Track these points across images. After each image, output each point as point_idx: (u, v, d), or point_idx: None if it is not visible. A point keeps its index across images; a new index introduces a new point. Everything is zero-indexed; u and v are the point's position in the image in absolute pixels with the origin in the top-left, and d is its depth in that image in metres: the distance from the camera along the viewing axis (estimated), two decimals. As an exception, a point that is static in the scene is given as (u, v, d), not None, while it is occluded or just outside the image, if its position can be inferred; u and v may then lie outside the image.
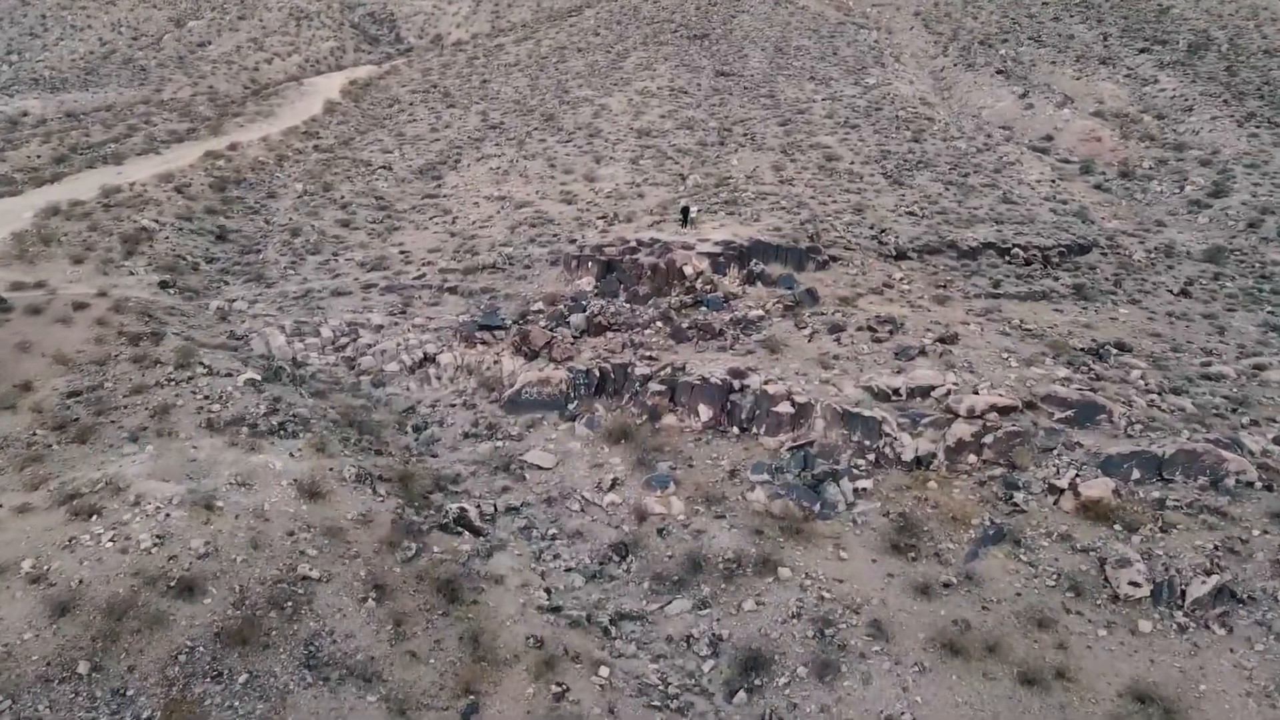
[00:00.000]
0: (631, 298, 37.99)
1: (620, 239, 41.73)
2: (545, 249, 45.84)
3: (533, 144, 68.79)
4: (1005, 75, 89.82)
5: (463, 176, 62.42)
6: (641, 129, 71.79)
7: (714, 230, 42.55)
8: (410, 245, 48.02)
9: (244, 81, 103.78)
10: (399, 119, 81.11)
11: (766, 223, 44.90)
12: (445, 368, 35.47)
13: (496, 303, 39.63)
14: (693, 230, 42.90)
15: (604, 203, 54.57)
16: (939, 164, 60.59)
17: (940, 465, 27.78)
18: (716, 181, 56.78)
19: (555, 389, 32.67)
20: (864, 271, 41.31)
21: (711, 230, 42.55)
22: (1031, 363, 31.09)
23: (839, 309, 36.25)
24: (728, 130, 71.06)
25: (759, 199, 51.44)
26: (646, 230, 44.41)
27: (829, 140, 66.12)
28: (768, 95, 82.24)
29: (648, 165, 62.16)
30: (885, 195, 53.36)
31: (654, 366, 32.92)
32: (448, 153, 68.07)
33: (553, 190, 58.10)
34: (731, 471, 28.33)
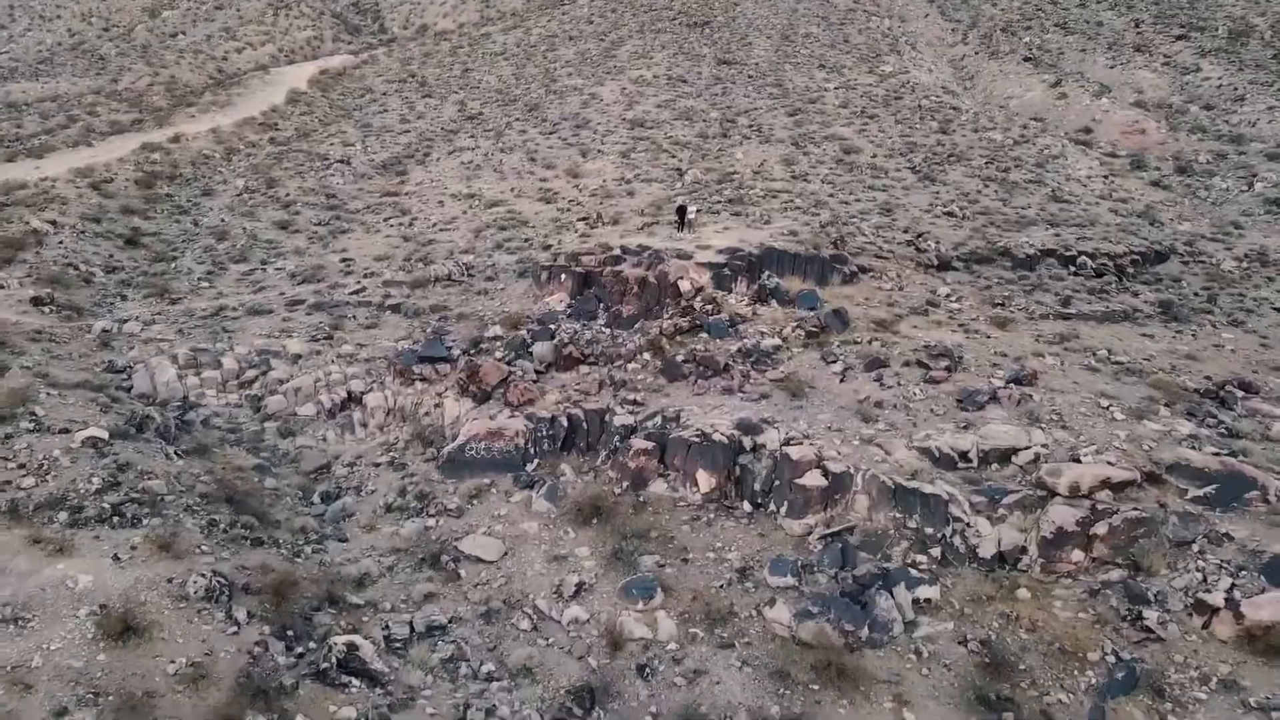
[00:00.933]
0: (613, 320, 30.00)
1: (602, 246, 33.75)
2: (514, 257, 37.90)
3: (512, 135, 60.84)
4: (1034, 63, 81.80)
5: (430, 172, 54.47)
6: (635, 119, 63.83)
7: (717, 235, 34.57)
8: (355, 252, 40.09)
9: (210, 72, 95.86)
10: (368, 110, 73.18)
11: (780, 225, 36.97)
12: (373, 411, 27.50)
13: (447, 324, 31.66)
14: (691, 235, 34.92)
15: (588, 202, 46.64)
16: (973, 157, 52.66)
17: (1033, 565, 19.81)
18: (719, 177, 48.86)
19: (510, 444, 24.70)
20: (901, 285, 33.31)
21: (714, 235, 34.57)
22: (1142, 414, 23.06)
23: (876, 335, 28.24)
24: (731, 121, 63.12)
25: (769, 197, 43.48)
26: (635, 235, 36.45)
27: (845, 131, 58.19)
28: (775, 84, 74.32)
29: (640, 159, 54.20)
30: (916, 193, 45.41)
31: (639, 414, 24.98)
32: (416, 146, 60.13)
33: (530, 187, 50.15)
34: (742, 570, 20.37)
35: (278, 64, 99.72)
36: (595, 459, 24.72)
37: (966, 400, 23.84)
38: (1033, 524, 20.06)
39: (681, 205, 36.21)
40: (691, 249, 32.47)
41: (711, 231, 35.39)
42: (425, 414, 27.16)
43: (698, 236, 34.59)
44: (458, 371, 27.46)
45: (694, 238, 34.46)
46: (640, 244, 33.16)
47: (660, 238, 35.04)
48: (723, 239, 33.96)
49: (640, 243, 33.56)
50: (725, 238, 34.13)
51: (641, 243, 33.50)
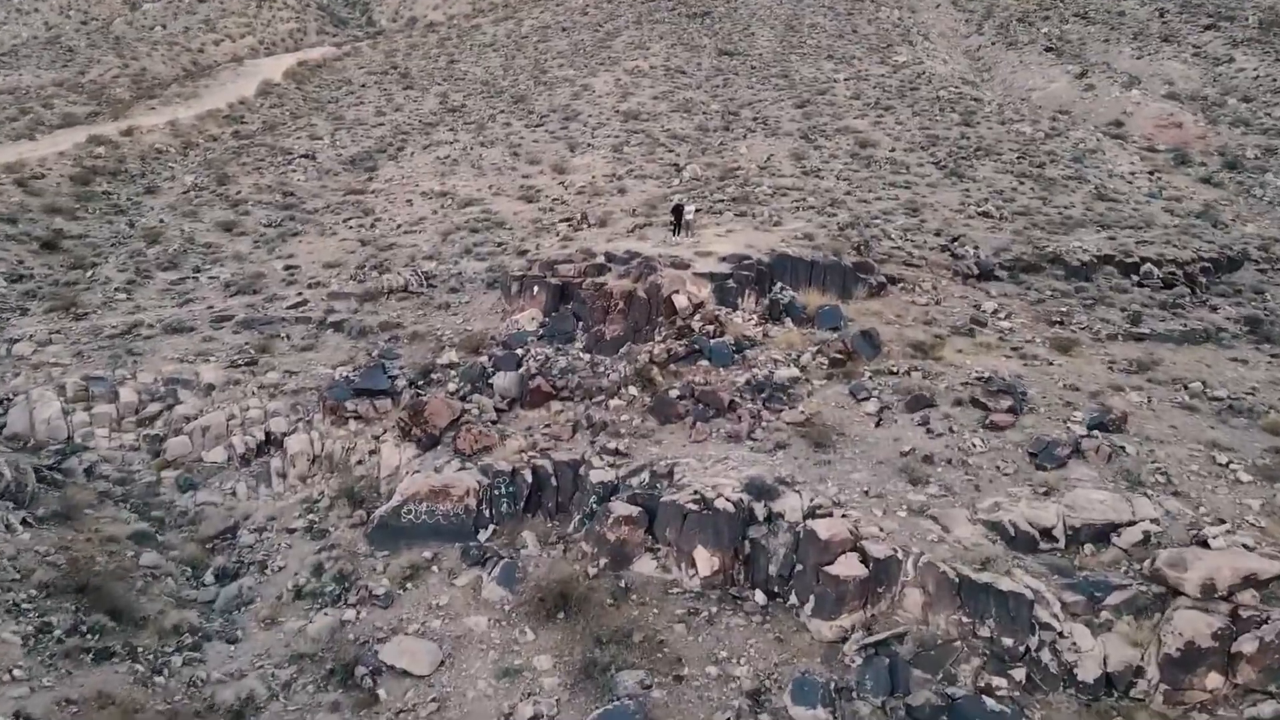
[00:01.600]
0: (594, 343, 24.60)
1: (585, 252, 28.37)
2: (484, 264, 32.54)
3: (494, 129, 55.45)
4: (1056, 53, 76.37)
5: (402, 167, 49.09)
6: (629, 112, 58.46)
7: (719, 239, 29.21)
8: (304, 257, 34.73)
9: (184, 64, 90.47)
10: (344, 102, 67.78)
11: (792, 228, 31.62)
12: (295, 459, 22.13)
13: (396, 347, 26.30)
14: (689, 239, 29.58)
15: (574, 201, 41.28)
16: (1002, 151, 47.30)
17: (1154, 692, 14.51)
18: (721, 173, 43.48)
19: (458, 505, 19.34)
20: (938, 299, 27.95)
21: (716, 239, 29.21)
22: (1274, 474, 17.68)
23: (915, 364, 22.86)
24: (734, 114, 57.75)
25: (778, 195, 38.10)
26: (624, 239, 31.10)
27: (859, 124, 52.80)
28: (780, 75, 68.94)
29: (634, 153, 48.83)
30: (944, 190, 40.04)
31: (622, 468, 19.67)
32: (390, 139, 54.75)
33: (510, 184, 44.78)
34: (754, 695, 15.02)
35: (257, 57, 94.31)
36: (566, 525, 19.40)
37: (1042, 454, 18.44)
38: (1151, 635, 14.72)
39: (678, 204, 30.88)
40: (689, 256, 27.11)
41: (713, 235, 30.02)
42: (358, 462, 21.80)
43: (697, 241, 29.23)
44: (400, 409, 22.07)
45: (692, 242, 29.11)
46: (629, 250, 27.78)
47: (653, 242, 29.68)
48: (726, 244, 28.60)
49: (629, 248, 28.19)
50: (729, 242, 28.78)
51: (631, 248, 28.13)
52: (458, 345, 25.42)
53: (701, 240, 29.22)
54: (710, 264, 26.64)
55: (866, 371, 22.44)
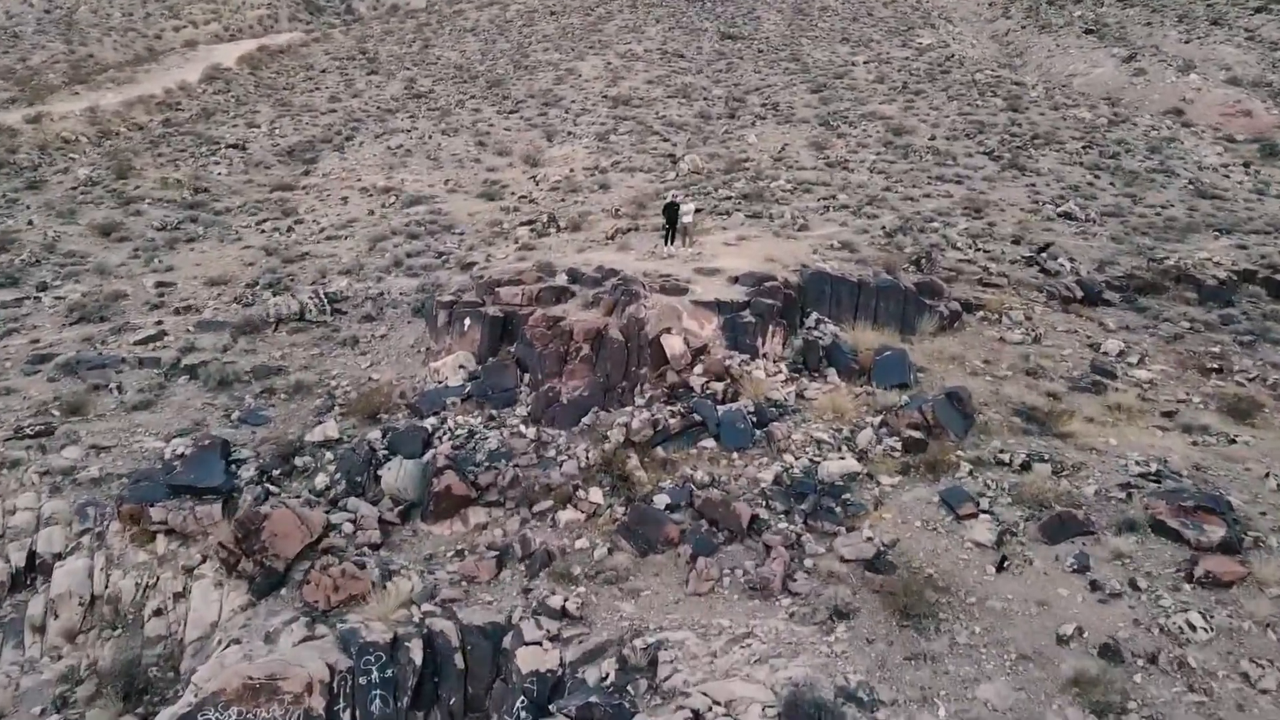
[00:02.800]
0: (543, 408, 16.35)
1: (542, 269, 20.18)
2: (416, 280, 24.33)
3: (461, 115, 47.21)
4: (1098, 36, 68.13)
5: (346, 159, 40.86)
6: (619, 97, 50.22)
7: (728, 250, 21.10)
8: (186, 271, 26.49)
9: (138, 50, 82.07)
10: (300, 88, 59.56)
11: (823, 233, 23.57)
12: (59, 603, 13.91)
13: (268, 405, 18.11)
14: (687, 250, 21.47)
15: (546, 198, 33.07)
16: (1063, 139, 39.08)
17: None
18: (727, 165, 35.26)
19: (292, 711, 11.18)
20: (1036, 334, 19.74)
21: (723, 250, 21.10)
22: None
23: (1032, 442, 14.70)
24: (739, 100, 49.50)
25: (799, 191, 29.96)
26: (600, 250, 23.05)
27: (887, 109, 44.57)
28: (790, 59, 60.76)
29: (622, 142, 40.62)
30: (1005, 185, 31.86)
31: (572, 645, 11.54)
32: (340, 128, 46.50)
33: (471, 179, 36.56)
34: None
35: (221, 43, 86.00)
36: (478, 750, 11.28)
37: (1318, 647, 10.25)
38: None
39: (673, 202, 22.73)
40: (688, 275, 18.97)
41: (720, 245, 21.90)
42: (156, 613, 13.59)
43: (698, 253, 21.11)
44: (230, 523, 13.85)
45: (692, 254, 21.01)
46: (604, 265, 19.63)
47: (639, 254, 21.59)
48: (738, 257, 20.48)
49: (605, 262, 20.07)
50: (742, 255, 20.65)
51: (607, 262, 20.01)
52: (348, 409, 17.22)
53: (704, 252, 21.09)
54: (717, 286, 18.50)
55: (961, 460, 14.25)
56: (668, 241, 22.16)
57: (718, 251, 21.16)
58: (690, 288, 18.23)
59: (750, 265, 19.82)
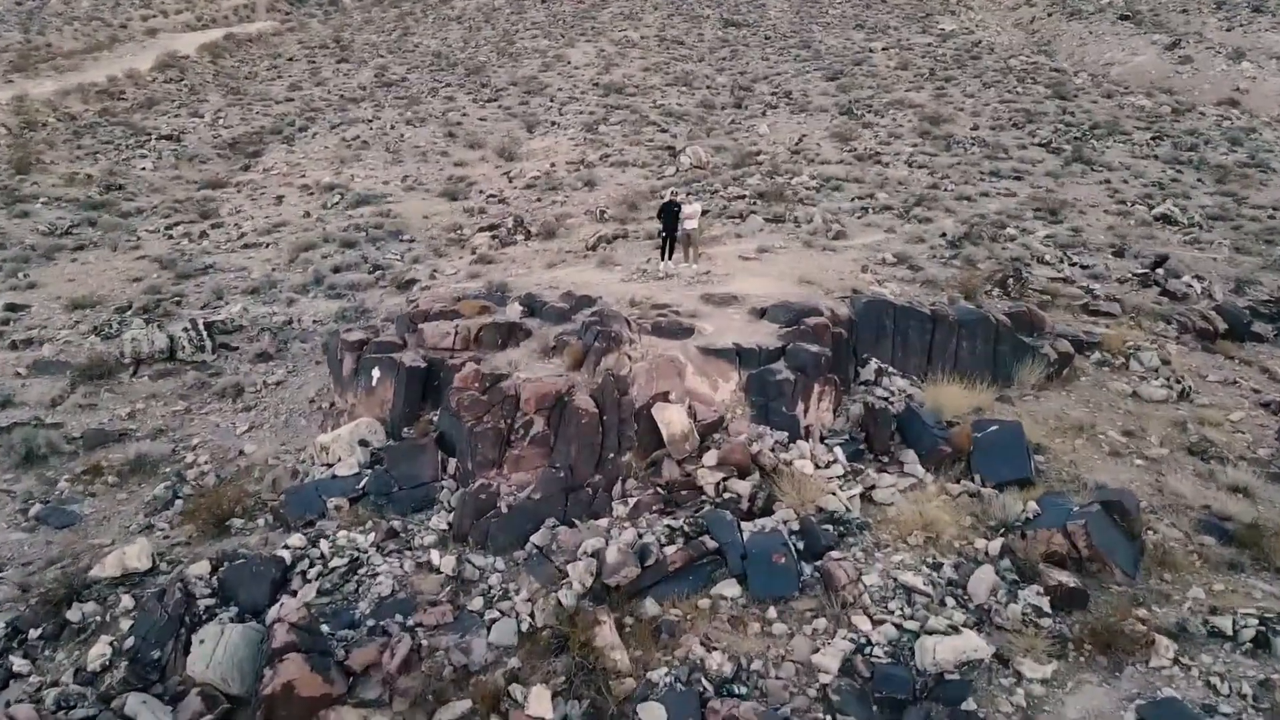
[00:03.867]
0: (472, 518, 10.56)
1: (492, 295, 14.42)
2: (338, 303, 18.56)
3: (432, 104, 41.49)
4: (1134, 23, 62.41)
5: (294, 152, 35.13)
6: (611, 84, 44.51)
7: (745, 268, 15.40)
8: (51, 290, 20.73)
9: (100, 39, 76.30)
10: (262, 77, 53.82)
11: (868, 242, 17.98)
12: None
13: (82, 503, 12.34)
14: (692, 267, 15.74)
15: (519, 197, 27.36)
16: (1126, 129, 33.39)
17: None
18: (736, 159, 29.57)
19: None
20: (1182, 384, 13.96)
21: (741, 268, 15.38)
22: None
23: (1257, 591, 8.93)
24: (746, 89, 43.77)
25: (827, 189, 24.22)
26: (576, 265, 17.37)
27: (916, 96, 38.91)
28: (801, 46, 55.08)
29: (612, 133, 34.91)
30: (1074, 182, 26.22)
31: None
32: (294, 118, 40.75)
33: (434, 174, 30.82)
34: None
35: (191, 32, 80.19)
36: None
37: None
38: None
39: (671, 203, 17.03)
40: (692, 304, 13.27)
41: (735, 259, 16.21)
42: None
43: (706, 271, 15.38)
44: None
45: (698, 273, 15.29)
46: (576, 290, 13.90)
47: (626, 273, 15.87)
48: (761, 277, 14.79)
49: (579, 284, 14.35)
50: (766, 274, 14.98)
51: (581, 284, 14.30)
52: (190, 507, 11.48)
53: (715, 270, 15.37)
54: (736, 323, 12.78)
55: (1155, 632, 8.48)
56: (665, 255, 16.48)
57: (733, 269, 15.45)
58: (697, 325, 12.50)
59: (779, 289, 14.13)
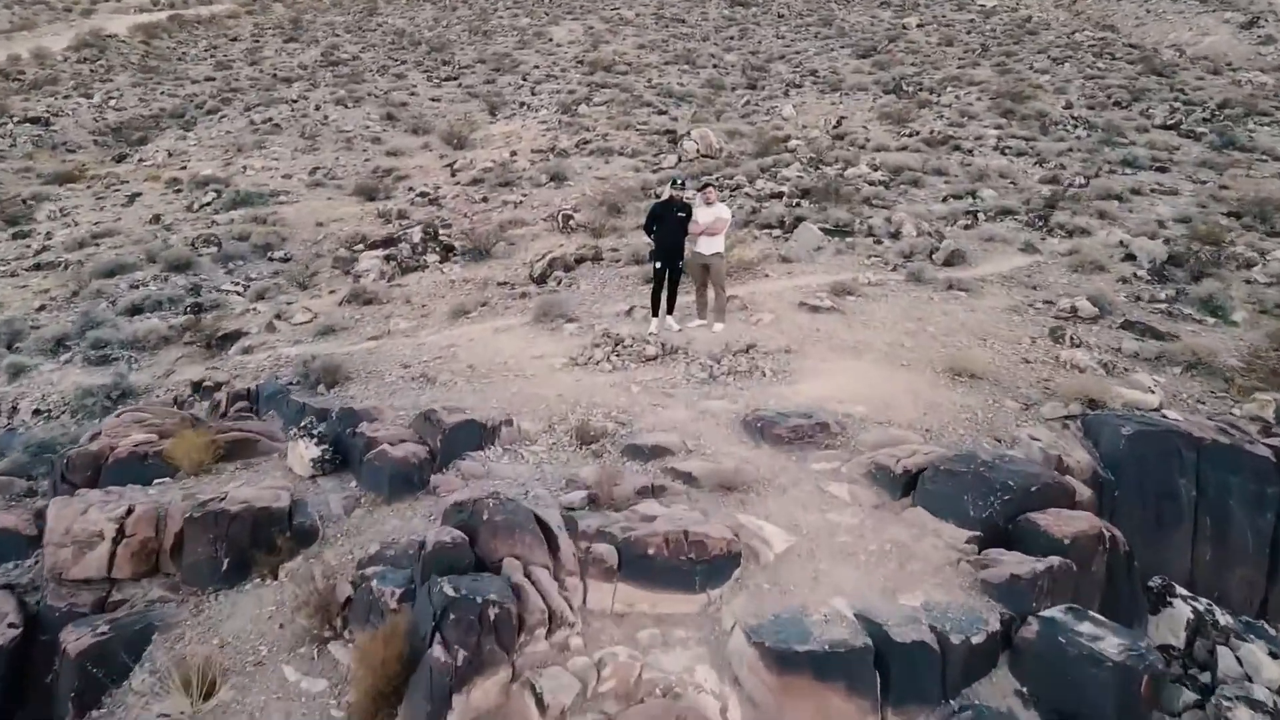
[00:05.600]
0: None
1: (279, 398, 6.37)
2: (98, 375, 10.52)
3: (376, 83, 33.52)
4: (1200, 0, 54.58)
5: (186, 139, 27.16)
6: (598, 61, 36.58)
7: (819, 338, 7.27)
8: None
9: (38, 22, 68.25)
10: (192, 57, 45.83)
11: (1005, 268, 10.01)
12: None
13: None
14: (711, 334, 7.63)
15: (459, 196, 19.33)
16: (1266, 110, 25.42)
17: None
18: (758, 146, 21.67)
19: None
20: None
21: (808, 337, 7.22)
22: None
23: None
24: (760, 69, 35.80)
25: (901, 183, 16.10)
26: (499, 318, 9.29)
27: (977, 73, 31.00)
28: (821, 24, 47.23)
29: (595, 116, 26.96)
30: (1246, 176, 18.12)
31: None
32: (205, 99, 32.75)
33: (354, 166, 22.84)
34: None
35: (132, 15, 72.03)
36: None
37: None
38: None
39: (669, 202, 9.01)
40: (721, 454, 5.20)
41: (793, 312, 8.19)
42: None
43: (746, 349, 7.36)
44: None
45: (724, 353, 7.27)
46: (458, 396, 5.88)
47: (580, 343, 7.86)
48: (852, 367, 6.86)
49: (480, 371, 6.35)
50: (861, 356, 7.00)
51: (482, 372, 6.31)
52: None
53: (761, 338, 7.32)
54: (842, 518, 4.73)
55: None
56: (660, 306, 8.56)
57: (796, 338, 8.04)
58: (742, 528, 4.53)
59: (911, 397, 6.35)
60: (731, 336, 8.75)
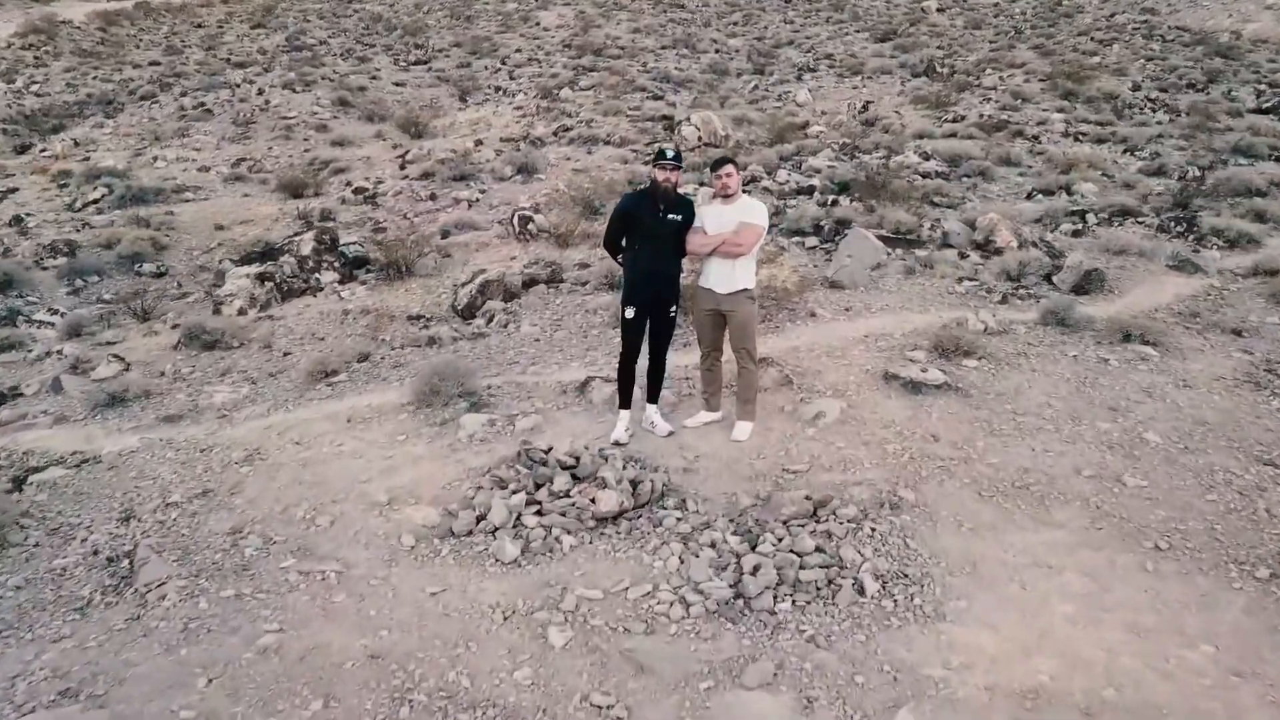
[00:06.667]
0: None
1: None
2: None
3: (337, 66, 29.68)
4: (1238, -16, 50.70)
5: (103, 126, 23.31)
6: (587, 45, 32.75)
7: (953, 469, 3.12)
8: None
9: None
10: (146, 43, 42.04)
11: (1165, 297, 5.69)
12: None
13: None
14: (739, 440, 3.63)
15: (404, 193, 15.43)
16: (1365, 95, 21.52)
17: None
18: (772, 131, 17.67)
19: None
20: None
21: (929, 467, 3.07)
22: None
23: None
24: (767, 55, 31.99)
25: (965, 175, 12.11)
26: (372, 391, 5.23)
27: (1017, 54, 27.20)
28: (833, 8, 43.46)
29: (581, 100, 23.12)
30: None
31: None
32: (140, 85, 28.91)
33: (288, 158, 18.96)
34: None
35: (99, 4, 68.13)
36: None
37: None
38: None
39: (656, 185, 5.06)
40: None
41: (873, 394, 4.25)
42: None
43: (807, 500, 3.38)
44: None
45: (747, 510, 3.35)
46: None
47: (483, 457, 3.96)
48: (1007, 564, 2.91)
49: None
50: (1016, 549, 3.07)
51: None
52: None
53: (833, 507, 3.27)
54: None
55: None
56: (638, 392, 4.60)
57: (905, 476, 3.70)
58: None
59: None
60: (770, 454, 4.90)
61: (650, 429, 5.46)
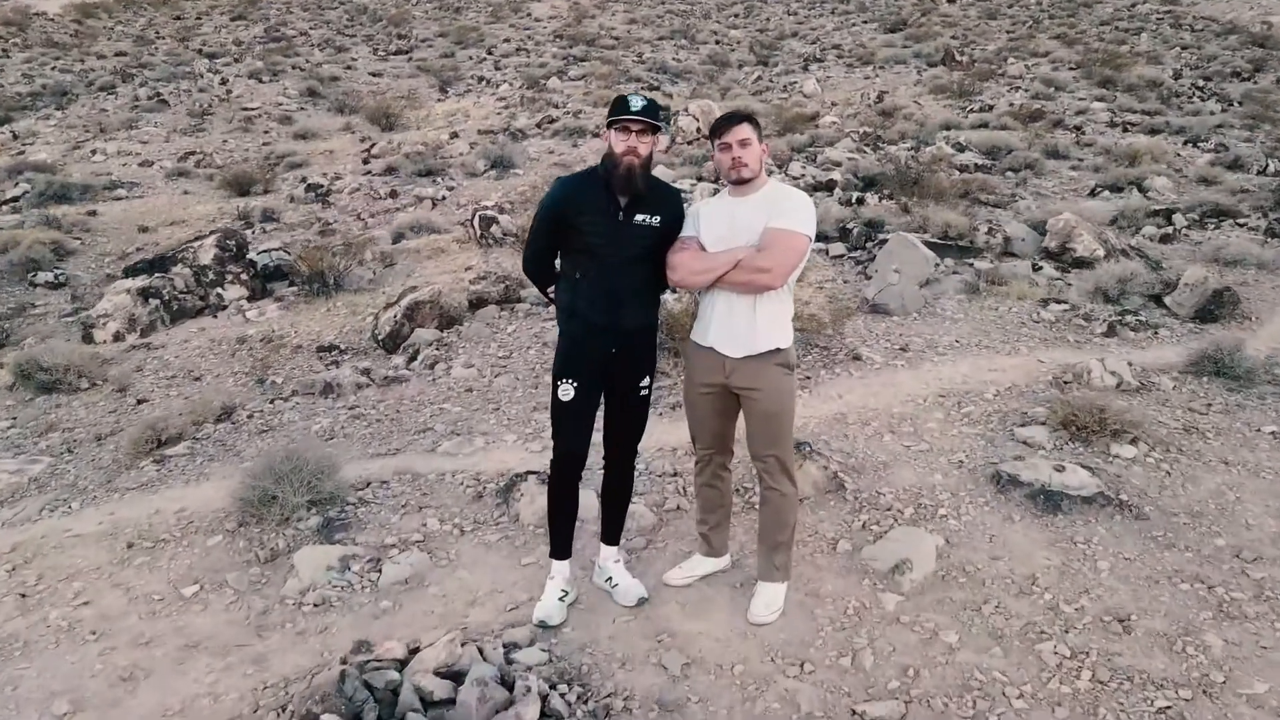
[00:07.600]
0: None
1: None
2: None
3: (310, 56, 27.78)
4: (1259, -25, 49.01)
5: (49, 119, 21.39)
6: (579, 35, 30.87)
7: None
8: None
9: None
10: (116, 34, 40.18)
11: None
12: None
13: None
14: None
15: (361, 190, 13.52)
16: None
17: None
18: (780, 121, 15.77)
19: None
20: None
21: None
22: None
23: None
24: (770, 47, 30.20)
25: (1006, 168, 10.16)
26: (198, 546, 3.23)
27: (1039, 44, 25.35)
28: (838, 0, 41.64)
29: (569, 91, 21.23)
30: None
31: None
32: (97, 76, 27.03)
33: (241, 152, 17.03)
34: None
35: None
36: None
37: None
38: None
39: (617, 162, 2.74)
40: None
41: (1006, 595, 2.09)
42: None
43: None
44: None
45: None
46: None
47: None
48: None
49: None
50: None
51: None
52: None
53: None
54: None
55: None
56: (584, 536, 2.66)
57: None
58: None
59: None
60: (821, 659, 2.47)
61: (608, 589, 3.31)
